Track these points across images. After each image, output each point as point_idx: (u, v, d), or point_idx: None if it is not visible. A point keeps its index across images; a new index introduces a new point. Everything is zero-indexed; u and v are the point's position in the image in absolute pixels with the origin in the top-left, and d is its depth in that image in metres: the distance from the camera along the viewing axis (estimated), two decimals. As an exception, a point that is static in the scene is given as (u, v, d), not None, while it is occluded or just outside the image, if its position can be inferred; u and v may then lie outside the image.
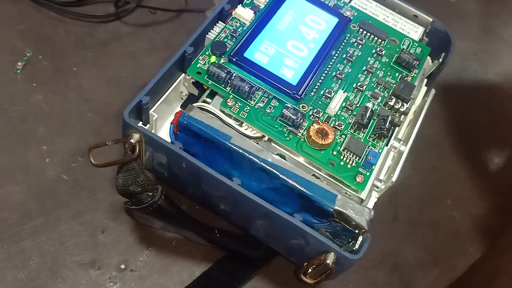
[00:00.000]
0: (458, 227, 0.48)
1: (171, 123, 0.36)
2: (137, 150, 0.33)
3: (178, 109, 0.40)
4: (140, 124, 0.36)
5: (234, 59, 0.37)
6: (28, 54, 0.48)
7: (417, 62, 0.41)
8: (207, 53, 0.38)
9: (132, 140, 0.33)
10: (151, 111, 0.37)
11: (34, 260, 0.38)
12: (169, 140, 0.36)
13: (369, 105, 0.38)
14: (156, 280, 0.40)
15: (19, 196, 0.41)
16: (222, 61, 0.38)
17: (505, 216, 0.49)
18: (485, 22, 0.63)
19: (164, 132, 0.40)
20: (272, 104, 0.37)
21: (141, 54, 0.51)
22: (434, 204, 0.49)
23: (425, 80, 0.43)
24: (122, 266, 0.40)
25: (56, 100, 0.46)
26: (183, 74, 0.39)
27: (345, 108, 0.38)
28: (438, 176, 0.51)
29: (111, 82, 0.48)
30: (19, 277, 0.37)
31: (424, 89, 0.42)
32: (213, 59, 0.38)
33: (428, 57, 0.44)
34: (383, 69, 0.41)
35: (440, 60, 0.42)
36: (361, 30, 0.43)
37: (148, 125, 0.37)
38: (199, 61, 0.38)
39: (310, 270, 0.34)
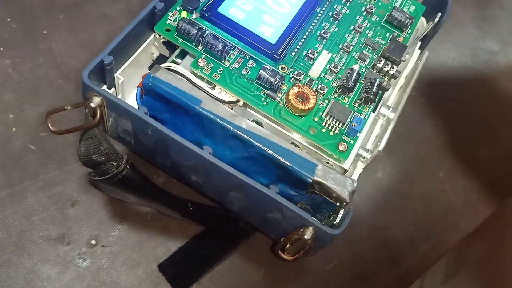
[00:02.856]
0: (450, 201, 0.46)
1: (137, 87, 0.33)
2: (98, 115, 0.31)
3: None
4: (104, 87, 0.34)
5: (207, 15, 0.34)
6: (-5, 16, 0.45)
7: (410, 21, 0.38)
8: (177, 9, 0.35)
9: (92, 104, 0.31)
10: (116, 74, 0.34)
11: (-2, 235, 0.37)
12: (137, 106, 0.33)
13: (356, 67, 0.35)
14: (129, 256, 0.38)
15: (-17, 167, 0.39)
16: (193, 17, 0.35)
17: (499, 191, 0.47)
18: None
19: (133, 98, 0.37)
20: (249, 65, 0.34)
21: (117, 17, 0.48)
22: (425, 177, 0.47)
23: (419, 43, 0.40)
24: (93, 242, 0.38)
25: (25, 65, 0.44)
26: (153, 33, 0.36)
27: (329, 71, 0.35)
28: (431, 147, 0.49)
29: (84, 46, 0.46)
30: (-19, 253, 0.36)
31: (417, 52, 0.39)
32: (184, 14, 0.35)
33: (423, 18, 0.41)
34: (373, 28, 0.38)
35: (435, 20, 0.39)
36: (349, -15, 0.39)
37: (113, 89, 0.34)
38: (169, 17, 0.35)
39: (288, 245, 0.31)
